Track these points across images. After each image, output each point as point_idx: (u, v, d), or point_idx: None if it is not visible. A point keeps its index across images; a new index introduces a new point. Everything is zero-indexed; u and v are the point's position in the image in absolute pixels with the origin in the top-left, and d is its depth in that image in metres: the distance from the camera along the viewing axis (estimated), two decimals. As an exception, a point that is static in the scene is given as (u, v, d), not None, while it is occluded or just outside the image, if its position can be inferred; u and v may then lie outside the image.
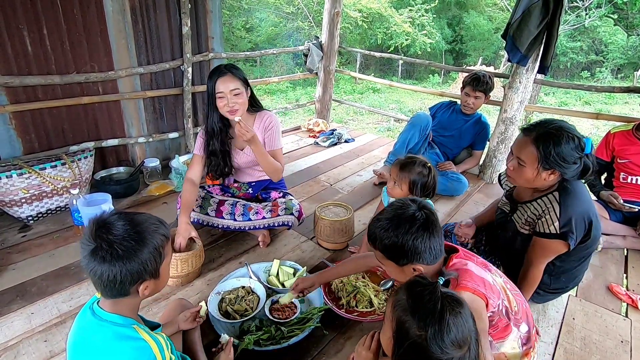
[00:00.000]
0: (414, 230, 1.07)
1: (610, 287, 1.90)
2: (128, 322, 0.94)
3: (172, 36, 2.84)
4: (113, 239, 0.87)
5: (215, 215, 1.99)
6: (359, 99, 10.17)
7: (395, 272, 1.16)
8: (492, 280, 1.16)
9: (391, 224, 1.10)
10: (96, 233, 0.88)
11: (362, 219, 2.43)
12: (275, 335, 1.44)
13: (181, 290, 1.74)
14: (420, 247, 1.07)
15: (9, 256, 1.93)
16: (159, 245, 0.94)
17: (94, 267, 0.88)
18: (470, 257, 1.20)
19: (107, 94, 2.66)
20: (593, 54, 13.82)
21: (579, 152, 1.38)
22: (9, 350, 1.42)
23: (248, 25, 13.00)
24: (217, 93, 1.80)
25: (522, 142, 1.45)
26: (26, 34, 2.22)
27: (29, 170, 2.10)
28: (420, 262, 1.10)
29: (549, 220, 1.43)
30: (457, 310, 0.84)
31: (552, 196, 1.45)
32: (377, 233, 1.12)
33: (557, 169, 1.40)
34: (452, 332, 0.81)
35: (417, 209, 1.12)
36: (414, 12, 13.32)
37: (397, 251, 1.09)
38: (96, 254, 0.87)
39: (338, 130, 4.04)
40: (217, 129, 1.95)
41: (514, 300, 1.22)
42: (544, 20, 2.52)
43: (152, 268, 0.93)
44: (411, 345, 0.84)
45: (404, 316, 0.86)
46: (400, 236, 1.08)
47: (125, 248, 0.88)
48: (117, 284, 0.89)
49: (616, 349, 1.55)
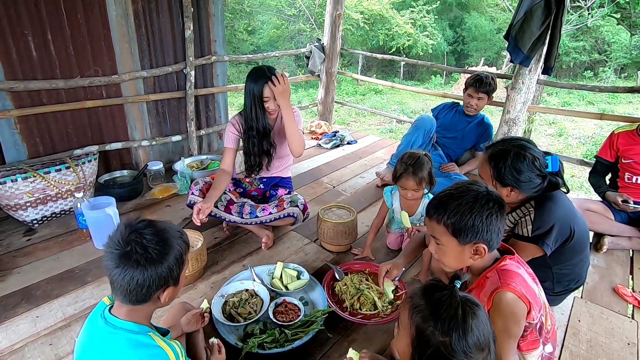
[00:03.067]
0: (490, 206, 1.04)
1: (616, 289, 1.89)
2: (143, 329, 0.95)
3: (174, 40, 2.86)
4: (147, 243, 0.91)
5: (224, 210, 2.06)
6: (361, 101, 10.17)
7: (453, 252, 1.09)
8: (538, 293, 1.13)
9: (466, 197, 1.05)
10: (129, 237, 0.91)
11: (365, 221, 2.42)
12: (279, 338, 1.44)
13: (184, 294, 1.75)
14: (492, 226, 1.04)
15: (14, 260, 1.95)
16: (182, 252, 0.98)
17: (125, 271, 0.89)
18: (523, 265, 1.17)
19: (110, 98, 2.68)
20: (596, 54, 13.74)
21: (536, 170, 1.41)
22: (15, 353, 1.42)
23: (250, 27, 13.04)
24: (265, 97, 1.95)
25: (481, 160, 1.53)
26: (31, 39, 2.24)
27: (33, 174, 2.11)
28: (485, 243, 1.05)
29: (523, 223, 1.48)
30: (477, 313, 0.83)
31: (529, 204, 1.49)
32: (448, 204, 1.06)
33: (513, 186, 1.43)
34: (475, 335, 0.80)
35: (492, 191, 1.08)
36: (415, 14, 13.30)
37: (466, 225, 1.03)
38: (129, 257, 0.89)
39: (340, 132, 4.04)
40: (269, 129, 2.08)
41: (549, 320, 1.20)
42: (546, 21, 2.52)
43: (176, 274, 0.97)
44: (435, 352, 0.81)
45: (425, 322, 0.84)
46: (475, 210, 1.03)
47: (157, 252, 0.92)
48: (145, 289, 0.91)
49: (622, 351, 1.54)
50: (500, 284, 1.05)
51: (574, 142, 6.93)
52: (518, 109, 2.87)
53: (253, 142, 2.08)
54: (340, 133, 3.99)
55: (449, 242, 1.08)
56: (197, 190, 2.04)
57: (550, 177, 1.45)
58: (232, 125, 2.10)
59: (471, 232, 1.04)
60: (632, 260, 2.18)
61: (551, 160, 1.44)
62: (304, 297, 1.71)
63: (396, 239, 2.12)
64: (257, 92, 1.94)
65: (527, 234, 1.46)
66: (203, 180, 2.10)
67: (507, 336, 1.05)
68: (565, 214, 1.46)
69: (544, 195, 1.47)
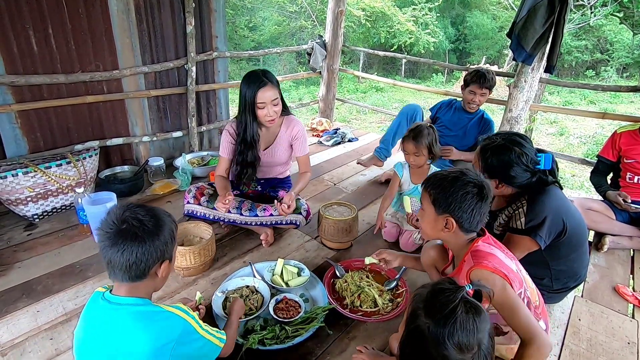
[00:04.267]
0: (469, 187, 1.15)
1: (616, 288, 1.89)
2: (147, 301, 0.98)
3: (176, 35, 2.85)
4: (142, 217, 0.96)
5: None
6: (362, 98, 10.15)
7: (429, 218, 1.23)
8: (516, 269, 1.19)
9: (450, 175, 1.20)
10: (124, 215, 0.95)
11: (366, 218, 2.42)
12: (279, 334, 1.45)
13: (185, 290, 1.75)
14: (464, 205, 1.15)
15: (15, 254, 1.95)
16: (172, 228, 1.03)
17: (122, 247, 0.92)
18: (499, 247, 1.24)
19: (111, 93, 2.67)
20: (598, 53, 13.69)
21: (523, 165, 1.44)
22: (15, 348, 1.42)
23: (251, 24, 13.00)
24: (259, 103, 1.83)
25: (475, 152, 1.57)
26: (32, 33, 2.23)
27: (34, 169, 2.11)
28: (457, 219, 1.17)
29: (517, 216, 1.50)
30: (471, 316, 0.82)
31: (523, 198, 1.51)
32: (436, 177, 1.22)
33: (499, 179, 1.48)
34: (457, 332, 0.80)
35: (479, 178, 1.19)
36: (417, 11, 13.26)
37: (442, 197, 1.18)
38: (127, 233, 0.93)
39: (341, 129, 4.03)
40: (257, 139, 1.98)
41: (536, 295, 1.24)
42: (549, 19, 2.51)
43: (170, 248, 1.02)
44: (414, 329, 0.85)
45: (418, 304, 0.88)
46: (454, 187, 1.16)
47: (153, 225, 0.97)
48: (143, 262, 0.94)
49: (622, 350, 1.54)
50: (474, 263, 1.14)
51: (575, 141, 6.92)
52: (520, 107, 2.87)
53: (238, 150, 1.99)
54: (341, 130, 3.98)
55: (428, 208, 1.23)
56: (191, 197, 2.03)
57: (541, 175, 1.47)
58: (227, 133, 2.02)
59: (445, 204, 1.18)
60: (632, 259, 2.18)
61: (544, 158, 1.45)
62: (304, 294, 1.71)
63: (393, 231, 2.14)
64: (250, 97, 1.84)
65: (521, 227, 1.48)
66: (195, 187, 2.08)
67: (508, 306, 1.10)
68: (557, 207, 1.47)
69: (537, 189, 1.49)
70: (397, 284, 1.75)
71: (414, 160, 2.02)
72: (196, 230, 1.98)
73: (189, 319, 0.98)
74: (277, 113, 1.89)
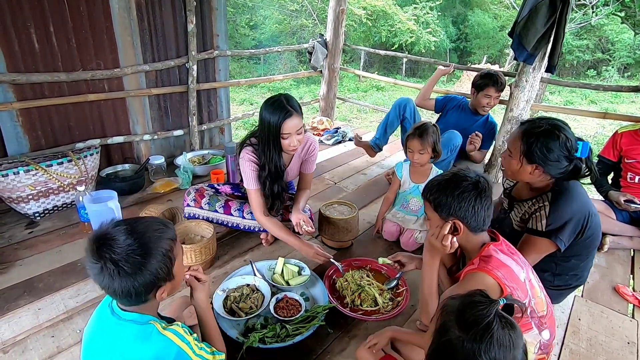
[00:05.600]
0: (463, 185, 1.15)
1: (616, 288, 1.89)
2: (145, 318, 0.95)
3: (177, 33, 2.85)
4: (117, 257, 0.85)
5: (223, 212, 2.00)
6: (363, 97, 10.14)
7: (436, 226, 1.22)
8: (525, 279, 1.15)
9: (444, 178, 1.21)
10: (98, 252, 0.85)
11: (366, 217, 2.43)
12: (280, 333, 1.45)
13: (187, 288, 1.74)
14: (464, 203, 1.14)
15: (16, 252, 1.95)
16: (167, 250, 0.93)
17: (105, 284, 0.87)
18: (511, 253, 1.20)
19: (112, 92, 2.67)
20: (599, 53, 13.67)
21: (566, 152, 1.40)
22: (17, 345, 1.43)
23: (252, 22, 12.98)
24: (284, 134, 1.71)
25: (514, 134, 1.51)
26: (33, 31, 2.23)
27: (35, 167, 2.11)
28: (463, 220, 1.16)
29: (538, 217, 1.46)
30: (507, 331, 0.77)
31: (545, 196, 1.47)
32: (432, 184, 1.22)
33: (539, 164, 1.42)
34: (494, 347, 0.75)
35: (474, 174, 1.19)
36: (418, 10, 13.23)
37: (441, 201, 1.18)
38: (104, 272, 0.86)
39: (342, 128, 4.04)
40: (284, 170, 1.89)
41: (544, 305, 1.19)
42: (551, 18, 2.50)
43: (164, 274, 0.93)
44: (446, 343, 0.79)
45: (449, 317, 0.82)
46: (449, 188, 1.17)
47: (132, 264, 0.86)
48: (134, 296, 0.90)
49: (622, 350, 1.55)
50: (477, 267, 1.14)
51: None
52: (521, 107, 2.86)
53: (265, 183, 1.85)
54: (342, 129, 3.98)
55: (433, 216, 1.23)
56: (191, 200, 1.99)
57: (577, 162, 1.42)
58: (250, 162, 1.82)
59: (445, 207, 1.18)
60: (632, 259, 2.18)
61: (582, 146, 1.41)
62: (305, 292, 1.71)
63: (393, 230, 2.14)
64: (275, 127, 1.69)
65: (541, 229, 1.43)
66: (194, 188, 2.03)
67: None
68: (580, 208, 1.43)
69: (559, 188, 1.45)
70: (397, 283, 1.75)
71: (418, 158, 2.02)
72: (197, 229, 1.98)
73: (183, 345, 0.94)
74: (300, 142, 1.77)
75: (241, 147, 1.88)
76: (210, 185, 2.14)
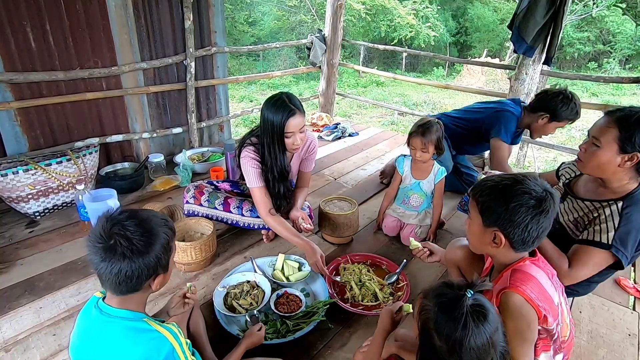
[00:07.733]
0: (523, 199, 0.98)
1: (617, 281, 1.89)
2: (138, 316, 0.95)
3: (174, 31, 2.83)
4: (131, 235, 0.89)
5: (223, 209, 1.99)
6: (363, 93, 10.12)
7: (476, 230, 1.09)
8: (557, 301, 1.06)
9: (503, 182, 1.03)
10: (111, 230, 0.89)
11: (366, 213, 2.42)
12: (280, 328, 1.45)
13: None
14: (517, 218, 0.98)
15: (17, 251, 1.96)
16: (168, 239, 0.97)
17: (111, 264, 0.88)
18: (547, 271, 1.10)
19: (110, 90, 2.66)
20: (600, 44, 13.57)
21: None
22: (19, 344, 1.44)
23: (250, 19, 12.93)
24: (287, 133, 1.72)
25: (602, 122, 1.32)
26: (29, 30, 2.22)
27: (34, 167, 2.11)
28: (507, 235, 1.02)
29: (603, 228, 1.28)
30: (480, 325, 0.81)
31: (615, 206, 1.30)
32: (486, 183, 1.06)
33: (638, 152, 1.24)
34: (473, 350, 0.80)
35: (541, 188, 1.01)
36: (417, 4, 13.15)
37: (489, 207, 1.03)
38: (115, 250, 0.88)
39: (342, 124, 4.02)
40: (288, 170, 1.88)
41: (567, 330, 1.14)
42: (550, 10, 2.48)
43: (165, 261, 0.97)
44: (431, 352, 0.85)
45: (428, 324, 0.86)
46: (504, 196, 1.00)
47: (143, 242, 0.90)
48: (134, 280, 0.91)
49: (623, 342, 1.55)
50: (509, 284, 1.01)
51: (577, 134, 6.88)
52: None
53: (272, 184, 1.86)
54: (342, 125, 3.97)
55: (475, 218, 1.09)
56: (190, 197, 1.98)
57: None
58: (253, 161, 1.81)
59: (493, 215, 1.03)
60: (634, 252, 2.18)
61: None
62: (305, 288, 1.72)
63: (394, 225, 2.14)
64: (278, 127, 1.69)
65: (607, 241, 1.26)
66: (193, 185, 2.03)
67: (520, 340, 1.00)
68: None
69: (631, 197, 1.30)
70: (397, 278, 1.75)
71: (420, 155, 1.98)
72: (197, 226, 1.98)
73: (176, 343, 0.94)
74: (302, 140, 1.78)
75: (241, 147, 1.87)
76: (209, 181, 2.14)
